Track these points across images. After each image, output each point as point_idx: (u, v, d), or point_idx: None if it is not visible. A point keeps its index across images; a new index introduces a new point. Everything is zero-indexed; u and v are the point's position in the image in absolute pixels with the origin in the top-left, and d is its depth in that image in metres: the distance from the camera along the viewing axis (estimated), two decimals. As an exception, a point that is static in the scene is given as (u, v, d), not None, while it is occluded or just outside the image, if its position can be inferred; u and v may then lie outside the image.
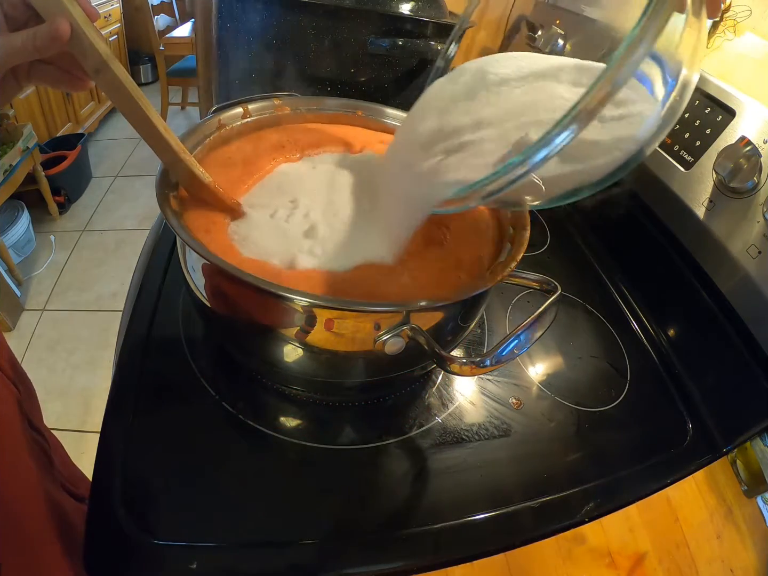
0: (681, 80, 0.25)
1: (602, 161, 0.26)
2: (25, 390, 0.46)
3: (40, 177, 1.81)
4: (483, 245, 0.41)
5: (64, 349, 1.51)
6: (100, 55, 0.28)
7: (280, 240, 0.36)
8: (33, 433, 0.44)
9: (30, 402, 0.48)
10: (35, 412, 0.49)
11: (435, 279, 0.36)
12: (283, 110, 0.51)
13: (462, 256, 0.38)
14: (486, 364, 0.30)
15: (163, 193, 0.35)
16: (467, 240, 0.40)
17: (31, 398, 0.49)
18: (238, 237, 0.36)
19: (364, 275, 0.35)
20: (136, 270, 0.56)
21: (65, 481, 0.47)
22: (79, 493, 0.48)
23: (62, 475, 0.48)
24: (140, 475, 0.37)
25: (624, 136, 0.26)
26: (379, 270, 0.36)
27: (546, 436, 0.45)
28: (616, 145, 0.26)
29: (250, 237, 0.36)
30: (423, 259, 0.38)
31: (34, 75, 0.31)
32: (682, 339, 0.55)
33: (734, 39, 0.63)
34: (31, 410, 0.46)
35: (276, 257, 0.34)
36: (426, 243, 0.39)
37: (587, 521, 0.39)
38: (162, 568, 0.32)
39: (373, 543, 0.36)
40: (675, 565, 0.50)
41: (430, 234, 0.40)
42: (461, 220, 0.42)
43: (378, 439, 0.42)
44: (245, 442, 0.40)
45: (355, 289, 0.33)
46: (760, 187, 0.45)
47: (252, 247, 0.35)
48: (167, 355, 0.46)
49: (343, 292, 0.33)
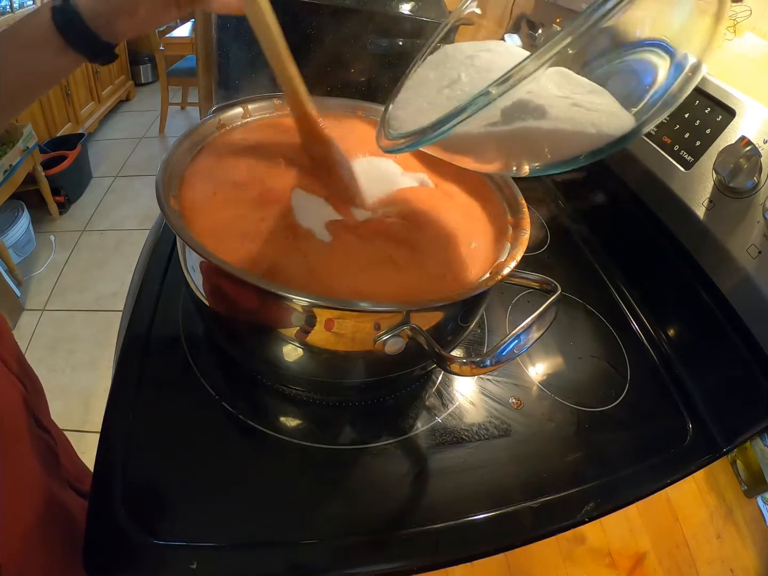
0: (688, 66, 0.25)
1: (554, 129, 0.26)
2: (32, 386, 0.46)
3: (40, 177, 1.81)
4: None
5: (64, 349, 1.51)
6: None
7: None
8: (39, 430, 0.44)
9: (37, 398, 0.48)
10: (42, 408, 0.49)
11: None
12: (283, 110, 0.51)
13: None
14: (486, 364, 0.30)
15: (163, 193, 0.35)
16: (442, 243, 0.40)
17: (37, 395, 0.49)
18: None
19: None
20: (136, 270, 0.56)
21: (71, 478, 0.47)
22: (85, 489, 0.48)
23: (68, 472, 0.47)
24: (140, 475, 0.37)
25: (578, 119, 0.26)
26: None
27: (546, 436, 0.45)
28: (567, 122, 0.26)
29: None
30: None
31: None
32: (682, 339, 0.55)
33: (734, 39, 0.63)
34: (38, 407, 0.46)
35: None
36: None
37: (587, 521, 0.39)
38: (162, 568, 0.32)
39: (373, 543, 0.36)
40: (675, 565, 0.50)
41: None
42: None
43: (378, 439, 0.42)
44: (245, 442, 0.40)
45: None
46: (760, 187, 0.45)
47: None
48: (167, 355, 0.46)
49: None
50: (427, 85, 0.32)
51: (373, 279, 0.35)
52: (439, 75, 0.32)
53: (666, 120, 0.57)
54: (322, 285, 0.33)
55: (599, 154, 0.27)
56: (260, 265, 0.34)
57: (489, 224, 0.44)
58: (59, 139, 2.11)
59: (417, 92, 0.33)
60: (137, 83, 3.01)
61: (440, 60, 0.33)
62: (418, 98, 0.32)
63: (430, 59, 0.35)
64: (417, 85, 0.34)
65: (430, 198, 0.44)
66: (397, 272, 0.36)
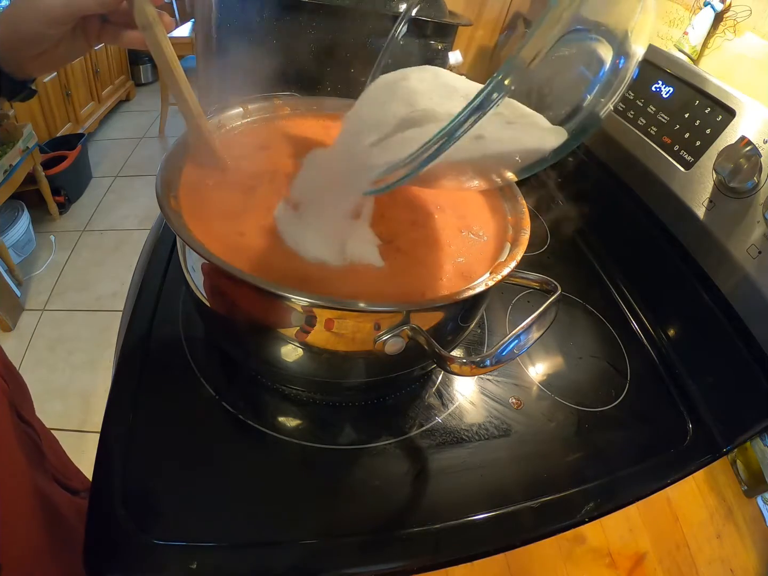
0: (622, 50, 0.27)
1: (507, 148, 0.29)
2: (15, 383, 0.47)
3: (40, 177, 1.81)
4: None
5: (64, 349, 1.51)
6: (147, 16, 0.34)
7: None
8: (23, 425, 0.44)
9: (20, 395, 0.48)
10: (26, 404, 0.50)
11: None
12: (283, 110, 0.51)
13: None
14: (486, 364, 0.30)
15: (163, 193, 0.35)
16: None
17: (21, 391, 0.50)
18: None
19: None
20: (136, 270, 0.56)
21: (57, 474, 0.47)
22: (73, 485, 0.48)
23: (54, 467, 0.48)
24: (140, 475, 0.37)
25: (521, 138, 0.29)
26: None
27: (546, 436, 0.45)
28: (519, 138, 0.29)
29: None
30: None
31: (103, 34, 0.37)
32: (682, 339, 0.55)
33: (734, 39, 0.63)
34: (22, 403, 0.46)
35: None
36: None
37: (587, 521, 0.39)
38: (162, 568, 0.32)
39: (373, 543, 0.36)
40: (675, 565, 0.50)
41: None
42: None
43: (378, 439, 0.42)
44: (245, 442, 0.40)
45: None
46: (760, 187, 0.45)
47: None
48: (167, 355, 0.46)
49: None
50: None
51: (374, 278, 0.35)
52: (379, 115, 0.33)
53: (665, 120, 0.57)
54: (322, 286, 0.33)
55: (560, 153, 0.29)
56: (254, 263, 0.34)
57: (489, 224, 0.44)
58: (59, 139, 2.11)
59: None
60: (137, 83, 3.00)
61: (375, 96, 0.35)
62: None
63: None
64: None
65: (429, 198, 0.44)
66: (397, 272, 0.36)
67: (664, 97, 0.58)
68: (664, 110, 0.57)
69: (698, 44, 0.66)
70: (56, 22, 0.32)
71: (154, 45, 0.35)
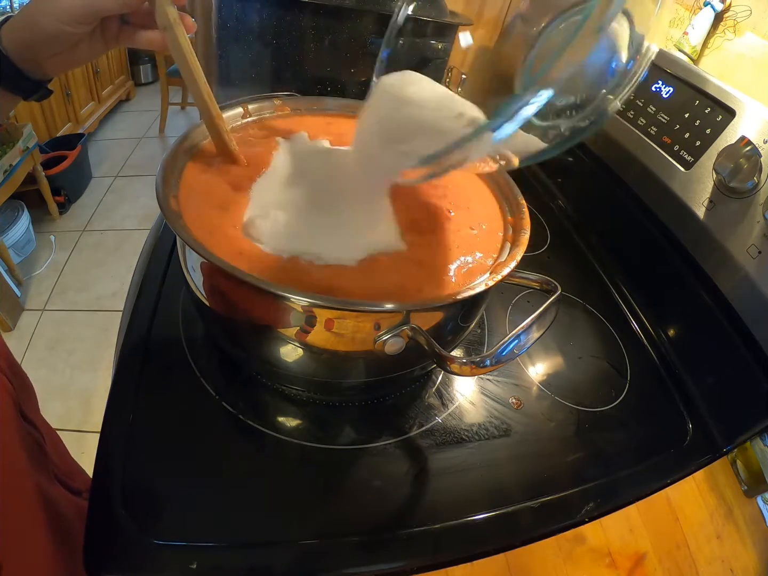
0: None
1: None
2: (19, 382, 0.47)
3: (40, 177, 1.81)
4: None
5: (64, 349, 1.51)
6: (168, 17, 0.34)
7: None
8: (26, 425, 0.44)
9: (25, 394, 0.48)
10: (30, 404, 0.49)
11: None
12: (283, 110, 0.51)
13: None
14: (486, 364, 0.30)
15: (163, 193, 0.35)
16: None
17: (26, 390, 0.49)
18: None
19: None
20: (136, 270, 0.56)
21: (60, 474, 0.47)
22: (75, 486, 0.48)
23: (57, 467, 0.48)
24: (140, 475, 0.37)
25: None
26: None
27: (546, 436, 0.45)
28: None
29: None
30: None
31: (122, 35, 0.37)
32: (682, 339, 0.55)
33: (734, 39, 0.63)
34: (26, 402, 0.46)
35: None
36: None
37: (587, 521, 0.39)
38: (162, 568, 0.32)
39: (373, 543, 0.36)
40: (675, 565, 0.50)
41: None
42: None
43: (378, 439, 0.42)
44: (245, 442, 0.40)
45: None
46: (760, 187, 0.45)
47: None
48: (167, 355, 0.46)
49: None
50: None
51: (373, 278, 0.35)
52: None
53: (665, 120, 0.57)
54: (321, 286, 0.33)
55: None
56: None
57: (489, 224, 0.44)
58: (59, 139, 2.11)
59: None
60: (137, 83, 3.00)
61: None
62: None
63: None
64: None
65: (427, 197, 0.44)
66: (397, 271, 0.36)
67: (664, 97, 0.58)
68: (664, 110, 0.57)
69: (698, 44, 0.66)
70: (76, 20, 0.32)
71: (174, 46, 0.35)
